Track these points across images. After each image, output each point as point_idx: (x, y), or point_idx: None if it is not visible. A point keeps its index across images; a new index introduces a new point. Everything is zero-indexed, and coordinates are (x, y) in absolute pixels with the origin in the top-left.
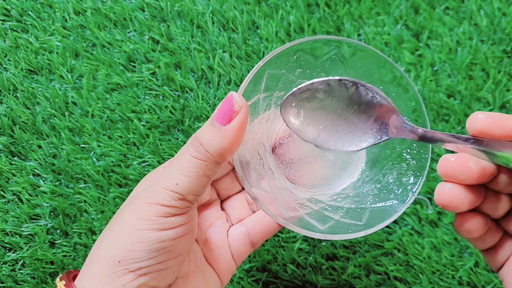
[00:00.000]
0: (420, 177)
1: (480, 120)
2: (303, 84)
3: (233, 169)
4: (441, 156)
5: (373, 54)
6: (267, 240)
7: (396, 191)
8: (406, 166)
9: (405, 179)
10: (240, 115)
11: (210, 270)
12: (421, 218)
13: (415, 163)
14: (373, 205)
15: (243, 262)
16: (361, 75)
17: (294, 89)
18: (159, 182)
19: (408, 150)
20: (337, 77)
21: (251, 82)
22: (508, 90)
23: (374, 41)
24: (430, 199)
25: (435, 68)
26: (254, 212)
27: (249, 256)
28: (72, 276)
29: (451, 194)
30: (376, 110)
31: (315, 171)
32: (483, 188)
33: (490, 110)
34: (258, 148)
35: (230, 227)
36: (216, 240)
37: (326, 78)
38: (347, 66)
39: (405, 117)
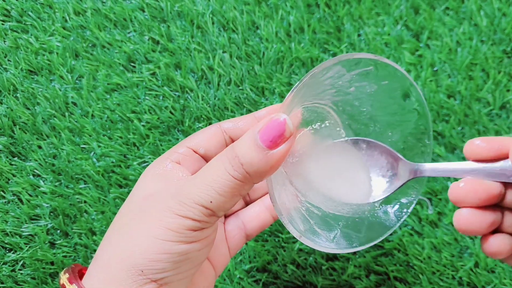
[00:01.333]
0: (414, 200)
1: (477, 147)
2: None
3: None
4: (441, 156)
5: (399, 75)
6: (266, 241)
7: (392, 206)
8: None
9: (404, 200)
10: (289, 142)
11: (207, 264)
12: (421, 219)
13: (413, 185)
14: (371, 219)
15: (243, 262)
16: (380, 91)
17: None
18: (190, 195)
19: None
20: (352, 138)
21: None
22: (508, 91)
23: (374, 42)
24: (430, 200)
25: (435, 69)
26: (246, 203)
27: (249, 256)
28: (77, 271)
29: (468, 218)
30: (385, 160)
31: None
32: (499, 208)
33: (490, 111)
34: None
35: (225, 219)
36: None
37: (344, 139)
38: (372, 81)
39: (411, 138)
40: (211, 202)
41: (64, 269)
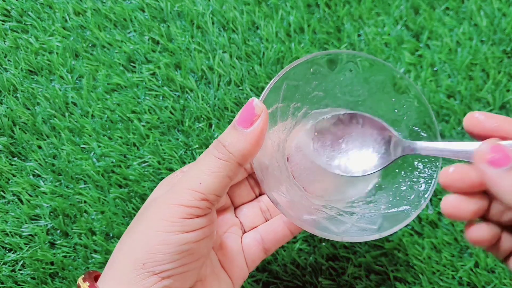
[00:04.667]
0: (431, 184)
1: (476, 119)
2: (320, 118)
3: (248, 177)
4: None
5: (384, 68)
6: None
7: (408, 197)
8: (417, 173)
9: (416, 186)
10: (261, 119)
11: (224, 275)
12: (421, 219)
13: (426, 171)
14: (386, 211)
15: None
16: (373, 87)
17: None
18: (181, 183)
19: (419, 159)
20: (348, 111)
21: (270, 91)
22: (508, 91)
23: (374, 42)
24: (431, 200)
25: (435, 69)
26: (267, 220)
27: None
28: (93, 277)
29: (454, 204)
30: (379, 136)
31: (328, 183)
32: (487, 196)
33: (490, 111)
34: (276, 155)
35: (243, 233)
36: (231, 246)
37: (338, 113)
38: (360, 79)
39: (416, 128)
40: (200, 183)
41: (83, 276)
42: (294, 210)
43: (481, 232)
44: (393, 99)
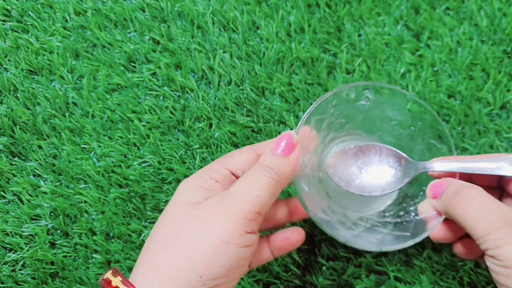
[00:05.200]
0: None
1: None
2: (336, 147)
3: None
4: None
5: (395, 93)
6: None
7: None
8: None
9: None
10: (298, 148)
11: None
12: None
13: None
14: (416, 218)
15: None
16: (387, 110)
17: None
18: (237, 195)
19: None
20: (367, 143)
21: (304, 123)
22: (508, 91)
23: (375, 42)
24: None
25: (435, 69)
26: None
27: None
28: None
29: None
30: (395, 162)
31: (355, 199)
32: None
33: (491, 111)
34: (313, 179)
35: None
36: None
37: (359, 143)
38: (376, 105)
39: (432, 140)
40: (257, 196)
41: (110, 271)
42: (335, 227)
43: (465, 247)
44: (409, 125)
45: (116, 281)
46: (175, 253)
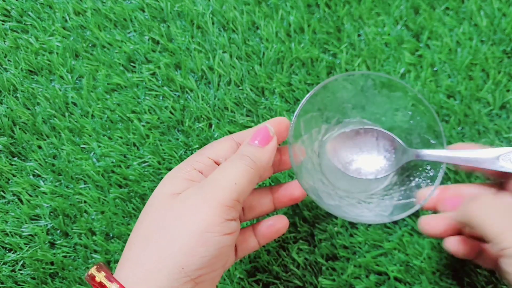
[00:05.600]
0: (434, 182)
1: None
2: (340, 130)
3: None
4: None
5: (400, 86)
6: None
7: (415, 192)
8: (425, 174)
9: (423, 184)
10: (274, 140)
11: None
12: None
13: (432, 172)
14: (397, 202)
15: (244, 262)
16: (380, 102)
17: (338, 131)
18: (215, 182)
19: (427, 163)
20: (365, 127)
21: (294, 131)
22: (508, 91)
23: (374, 42)
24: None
25: (435, 69)
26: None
27: (249, 256)
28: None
29: (427, 221)
30: (390, 146)
31: (350, 181)
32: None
33: (490, 111)
34: (311, 155)
35: None
36: None
37: (356, 128)
38: (383, 94)
39: (427, 136)
40: (235, 184)
41: (95, 266)
42: (320, 195)
43: (454, 243)
44: (410, 112)
45: (100, 276)
46: (157, 246)
